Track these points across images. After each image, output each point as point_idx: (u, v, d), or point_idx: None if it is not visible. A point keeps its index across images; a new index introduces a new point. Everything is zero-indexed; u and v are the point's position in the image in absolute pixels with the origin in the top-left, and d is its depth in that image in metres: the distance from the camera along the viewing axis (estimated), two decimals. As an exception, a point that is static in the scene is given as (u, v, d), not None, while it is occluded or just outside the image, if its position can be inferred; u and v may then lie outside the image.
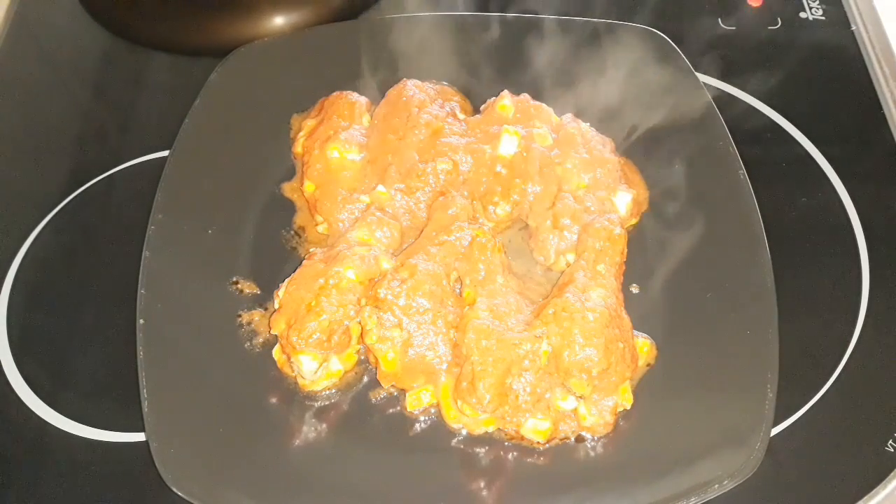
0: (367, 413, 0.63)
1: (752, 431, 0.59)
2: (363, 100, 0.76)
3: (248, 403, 0.63)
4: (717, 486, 0.57)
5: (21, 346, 0.68)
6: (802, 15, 0.90)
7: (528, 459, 0.60)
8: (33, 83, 0.88)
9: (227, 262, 0.70)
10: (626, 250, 0.66)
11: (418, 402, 0.62)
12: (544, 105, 0.75)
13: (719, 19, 0.89)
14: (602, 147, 0.72)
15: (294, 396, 0.63)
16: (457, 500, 0.59)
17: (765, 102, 0.82)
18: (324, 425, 0.62)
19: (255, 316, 0.67)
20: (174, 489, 0.58)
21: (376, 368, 0.63)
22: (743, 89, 0.83)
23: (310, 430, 0.62)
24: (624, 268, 0.66)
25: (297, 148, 0.75)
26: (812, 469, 0.61)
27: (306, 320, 0.61)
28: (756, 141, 0.79)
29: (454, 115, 0.73)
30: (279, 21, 0.89)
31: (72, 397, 0.66)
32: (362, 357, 0.65)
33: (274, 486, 0.59)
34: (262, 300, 0.68)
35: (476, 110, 0.77)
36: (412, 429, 0.62)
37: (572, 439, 0.61)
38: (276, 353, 0.65)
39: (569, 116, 0.74)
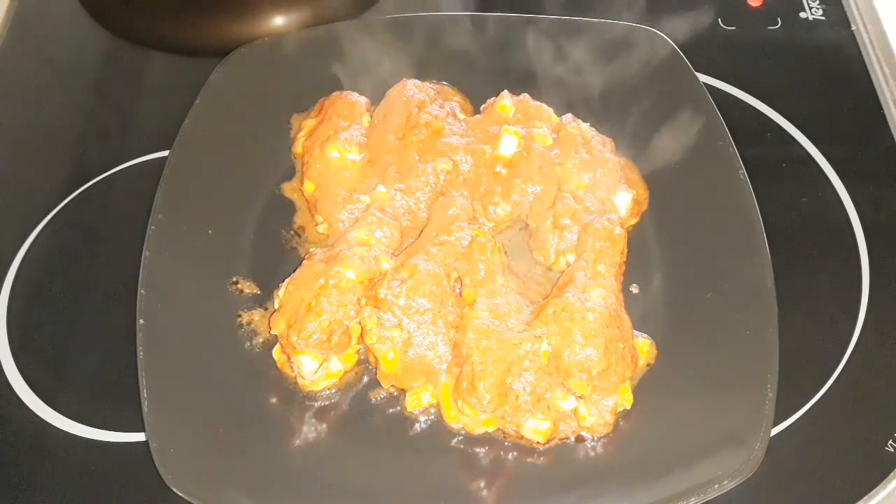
0: (367, 413, 0.63)
1: (752, 431, 0.59)
2: (363, 100, 0.76)
3: (248, 403, 0.63)
4: (717, 486, 0.57)
5: (21, 346, 0.68)
6: (802, 15, 0.90)
7: (528, 459, 0.60)
8: (33, 83, 0.88)
9: (227, 262, 0.70)
10: (626, 250, 0.66)
11: (418, 402, 0.62)
12: (544, 105, 0.75)
13: (719, 19, 0.89)
14: (602, 147, 0.72)
15: (294, 396, 0.63)
16: (457, 500, 0.59)
17: (765, 102, 0.82)
18: (324, 425, 0.62)
19: (255, 316, 0.67)
20: (174, 489, 0.58)
21: (376, 368, 0.63)
22: (743, 89, 0.83)
23: (310, 430, 0.62)
24: (624, 268, 0.66)
25: (297, 148, 0.75)
26: (812, 469, 0.61)
27: (306, 320, 0.61)
28: (756, 141, 0.78)
29: (454, 115, 0.73)
30: (279, 21, 0.89)
31: (72, 397, 0.66)
32: (362, 357, 0.65)
33: (274, 486, 0.59)
34: (262, 300, 0.68)
35: (476, 110, 0.77)
36: (412, 429, 0.62)
37: (572, 439, 0.61)
38: (276, 353, 0.65)
39: (569, 116, 0.74)
